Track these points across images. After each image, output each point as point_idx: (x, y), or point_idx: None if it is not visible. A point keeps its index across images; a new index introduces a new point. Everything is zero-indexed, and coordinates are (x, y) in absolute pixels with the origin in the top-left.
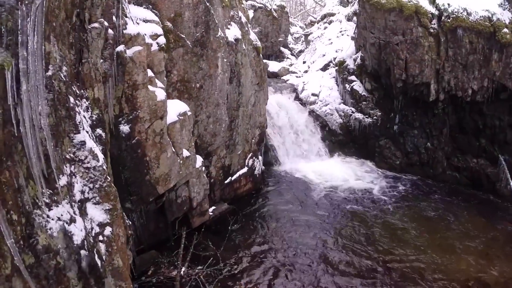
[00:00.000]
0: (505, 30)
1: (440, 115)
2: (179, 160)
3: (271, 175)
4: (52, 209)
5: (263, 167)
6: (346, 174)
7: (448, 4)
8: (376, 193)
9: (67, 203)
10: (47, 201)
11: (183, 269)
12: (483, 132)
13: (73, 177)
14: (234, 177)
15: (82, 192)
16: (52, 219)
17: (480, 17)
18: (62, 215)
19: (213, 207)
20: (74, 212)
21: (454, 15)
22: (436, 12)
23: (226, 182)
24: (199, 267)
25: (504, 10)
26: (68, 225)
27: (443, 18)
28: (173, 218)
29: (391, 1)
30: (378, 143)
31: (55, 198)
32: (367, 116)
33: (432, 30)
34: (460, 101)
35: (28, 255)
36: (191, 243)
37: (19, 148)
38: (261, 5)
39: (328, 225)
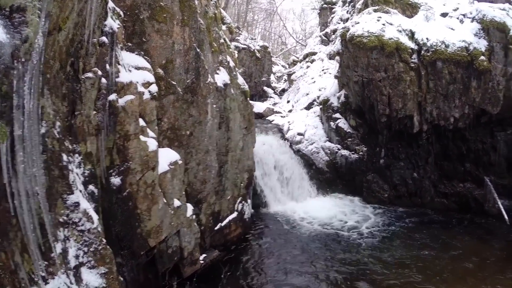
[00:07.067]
0: (482, 57)
1: (425, 145)
2: (170, 211)
3: (260, 217)
4: (48, 283)
5: (252, 210)
6: (335, 212)
7: (427, 39)
8: (366, 229)
9: (63, 273)
10: (43, 274)
11: None
12: (467, 157)
13: (67, 241)
14: (224, 223)
15: (77, 256)
16: None
17: (458, 48)
18: None
19: (204, 255)
20: (71, 282)
21: (433, 49)
22: (416, 47)
23: (216, 228)
24: None
25: (479, 39)
26: None
27: (422, 52)
28: (164, 269)
29: (373, 40)
30: (366, 178)
31: (51, 269)
32: (353, 152)
33: (412, 65)
34: (443, 130)
35: None
36: None
37: (14, 223)
38: (245, 46)
39: (320, 266)
